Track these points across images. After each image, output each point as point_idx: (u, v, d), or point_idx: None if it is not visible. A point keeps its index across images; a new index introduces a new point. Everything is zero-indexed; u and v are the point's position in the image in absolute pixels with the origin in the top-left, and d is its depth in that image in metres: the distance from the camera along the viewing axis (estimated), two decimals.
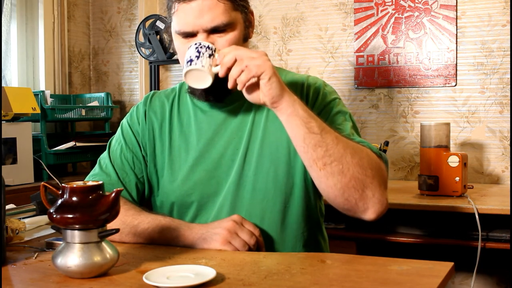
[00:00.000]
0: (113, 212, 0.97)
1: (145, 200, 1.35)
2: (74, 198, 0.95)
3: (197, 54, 1.10)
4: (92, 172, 1.34)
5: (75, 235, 0.95)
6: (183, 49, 1.19)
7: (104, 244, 0.97)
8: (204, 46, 1.12)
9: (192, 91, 1.25)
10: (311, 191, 1.28)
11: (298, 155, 1.23)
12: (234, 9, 1.19)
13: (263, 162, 1.23)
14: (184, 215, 1.29)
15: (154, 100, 1.35)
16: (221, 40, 1.18)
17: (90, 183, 0.98)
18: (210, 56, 1.11)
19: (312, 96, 1.26)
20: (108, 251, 0.97)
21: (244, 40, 1.23)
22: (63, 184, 0.97)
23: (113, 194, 0.97)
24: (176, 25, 1.19)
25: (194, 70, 1.11)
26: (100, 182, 0.99)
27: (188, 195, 1.27)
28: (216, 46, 1.16)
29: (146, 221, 1.17)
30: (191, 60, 1.11)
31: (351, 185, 1.06)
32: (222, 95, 1.23)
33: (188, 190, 1.27)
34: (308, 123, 1.06)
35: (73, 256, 0.94)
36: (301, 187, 1.26)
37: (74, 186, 0.96)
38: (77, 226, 0.94)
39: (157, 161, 1.31)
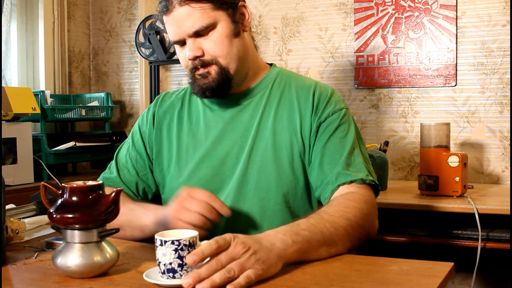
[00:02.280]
0: (113, 212, 0.97)
1: (148, 199, 1.39)
2: (74, 198, 0.95)
3: (180, 262, 0.89)
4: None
5: (75, 235, 0.95)
6: (181, 57, 1.29)
7: (104, 244, 0.97)
8: (185, 245, 0.89)
9: (195, 92, 1.29)
10: (313, 192, 1.28)
11: (300, 156, 1.25)
12: (215, 9, 1.22)
13: (267, 161, 1.25)
14: None
15: (164, 101, 1.41)
16: (206, 42, 1.23)
17: (90, 183, 0.98)
18: None
19: (319, 104, 1.28)
20: (108, 251, 0.97)
21: (234, 35, 1.25)
22: (63, 184, 0.97)
23: (113, 194, 0.97)
24: (169, 35, 1.27)
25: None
26: (100, 182, 0.99)
27: None
28: (204, 49, 1.22)
29: (122, 212, 1.10)
30: (173, 270, 0.89)
31: (354, 246, 1.13)
32: (224, 92, 1.27)
33: (193, 186, 1.28)
34: (305, 252, 1.00)
35: (73, 256, 0.94)
36: (303, 187, 1.28)
37: (74, 186, 0.96)
38: (77, 226, 0.94)
39: (164, 159, 1.35)
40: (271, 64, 1.39)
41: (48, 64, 2.88)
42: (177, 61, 2.91)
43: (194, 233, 0.92)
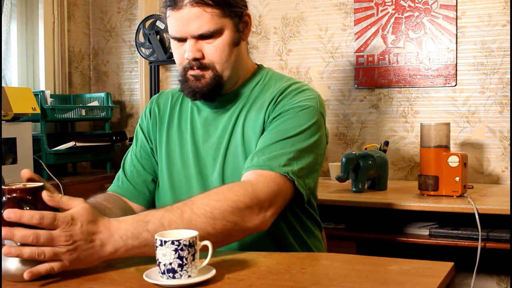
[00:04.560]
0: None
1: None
2: (14, 201, 0.92)
3: (180, 262, 0.89)
4: None
5: None
6: (177, 53, 1.27)
7: None
8: (185, 245, 0.90)
9: (185, 93, 1.30)
10: None
11: None
12: (223, 16, 1.23)
13: (239, 161, 1.27)
14: None
15: (160, 98, 1.44)
16: (208, 46, 1.24)
17: (29, 185, 0.96)
18: (194, 255, 0.91)
19: (283, 100, 1.26)
20: None
21: (235, 44, 1.27)
22: (3, 187, 0.94)
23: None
24: (169, 29, 1.27)
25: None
26: (40, 184, 0.96)
27: (179, 188, 1.33)
28: (204, 53, 1.23)
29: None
30: (173, 271, 0.89)
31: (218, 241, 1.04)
32: (213, 97, 1.29)
33: (179, 183, 1.32)
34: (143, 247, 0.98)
35: (12, 259, 0.92)
36: None
37: (14, 188, 0.94)
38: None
39: (158, 152, 1.38)
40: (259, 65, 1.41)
41: (48, 64, 2.88)
42: None
43: (194, 233, 0.92)
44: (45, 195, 0.93)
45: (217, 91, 1.27)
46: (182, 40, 1.25)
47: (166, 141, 1.36)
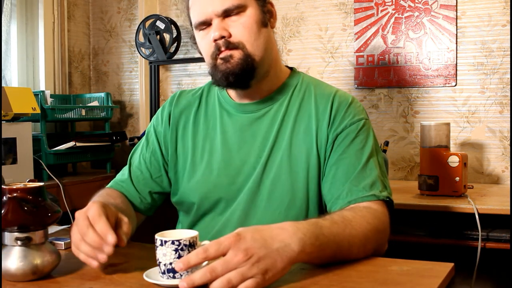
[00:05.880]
0: (54, 215, 0.96)
1: (157, 204, 1.35)
2: (14, 200, 0.92)
3: None
4: None
5: (13, 237, 0.93)
6: (204, 43, 1.21)
7: (45, 246, 0.96)
8: (185, 245, 0.90)
9: (216, 79, 1.21)
10: (325, 209, 1.25)
11: (316, 170, 1.22)
12: None
13: (282, 173, 1.21)
14: (200, 215, 1.29)
15: (180, 100, 1.34)
16: (235, 24, 1.17)
17: (29, 185, 0.95)
18: None
19: (337, 115, 1.23)
20: (48, 253, 0.96)
21: (263, 24, 1.20)
22: (3, 187, 0.94)
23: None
24: (193, 18, 1.21)
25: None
26: (41, 184, 0.96)
27: (207, 197, 1.26)
28: (231, 32, 1.16)
29: None
30: (173, 271, 0.89)
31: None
32: (247, 81, 1.21)
33: (208, 193, 1.25)
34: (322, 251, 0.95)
35: (12, 258, 0.93)
36: (316, 203, 1.23)
37: (14, 187, 0.93)
38: (16, 228, 0.93)
39: (179, 161, 1.30)
40: (291, 68, 1.34)
41: (48, 64, 2.88)
42: (177, 61, 2.91)
43: (195, 233, 0.92)
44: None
45: (250, 73, 1.18)
46: (207, 24, 1.19)
47: (192, 151, 1.28)
